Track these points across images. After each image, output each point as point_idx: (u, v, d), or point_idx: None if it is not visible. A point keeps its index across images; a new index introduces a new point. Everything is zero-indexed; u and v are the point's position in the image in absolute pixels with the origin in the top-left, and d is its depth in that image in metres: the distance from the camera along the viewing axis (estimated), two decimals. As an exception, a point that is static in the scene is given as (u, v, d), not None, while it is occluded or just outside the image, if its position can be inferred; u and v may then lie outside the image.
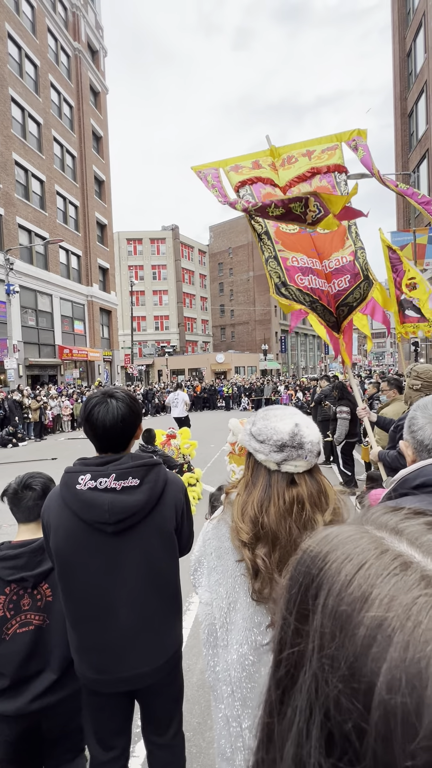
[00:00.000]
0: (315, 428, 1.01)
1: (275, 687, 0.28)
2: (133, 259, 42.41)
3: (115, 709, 1.36)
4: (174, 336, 42.83)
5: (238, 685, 0.97)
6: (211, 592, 1.04)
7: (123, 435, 1.30)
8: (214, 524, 1.09)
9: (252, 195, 3.05)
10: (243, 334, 46.63)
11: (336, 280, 2.89)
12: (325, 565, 0.27)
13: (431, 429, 1.08)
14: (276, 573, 0.92)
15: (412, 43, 19.11)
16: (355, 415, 6.41)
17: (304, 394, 19.81)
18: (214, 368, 36.50)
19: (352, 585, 0.25)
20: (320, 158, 3.15)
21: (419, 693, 0.19)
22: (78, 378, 22.34)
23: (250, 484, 1.01)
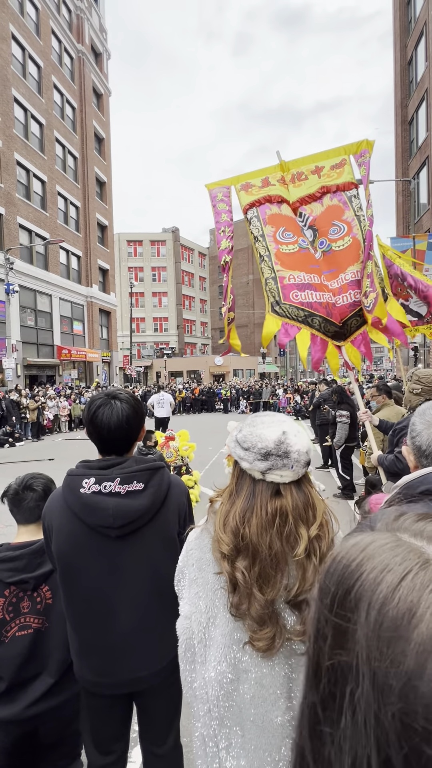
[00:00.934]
0: (304, 437, 0.97)
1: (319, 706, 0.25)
2: (133, 261, 42.45)
3: (114, 712, 1.35)
4: (173, 338, 42.85)
5: (215, 704, 0.92)
6: (191, 605, 1.00)
7: (127, 437, 1.30)
8: (197, 534, 1.04)
9: (258, 217, 3.20)
10: (242, 337, 46.27)
11: (352, 291, 2.99)
12: (361, 575, 0.25)
13: (428, 435, 1.08)
14: (255, 588, 0.89)
15: (414, 51, 19.30)
16: (354, 419, 6.42)
17: (302, 398, 19.83)
18: (213, 371, 36.51)
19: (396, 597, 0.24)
20: (329, 176, 3.26)
21: None
22: (76, 379, 22.30)
23: (234, 494, 0.97)
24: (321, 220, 3.20)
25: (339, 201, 3.19)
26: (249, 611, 0.89)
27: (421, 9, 17.84)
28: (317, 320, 2.96)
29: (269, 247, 3.11)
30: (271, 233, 3.16)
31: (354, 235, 3.08)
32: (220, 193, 3.39)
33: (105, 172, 26.84)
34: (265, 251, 3.11)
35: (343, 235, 3.11)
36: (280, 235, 3.15)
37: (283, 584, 0.90)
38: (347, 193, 3.21)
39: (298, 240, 3.14)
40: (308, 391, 19.92)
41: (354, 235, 3.08)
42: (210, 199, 3.43)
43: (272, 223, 3.18)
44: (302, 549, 0.89)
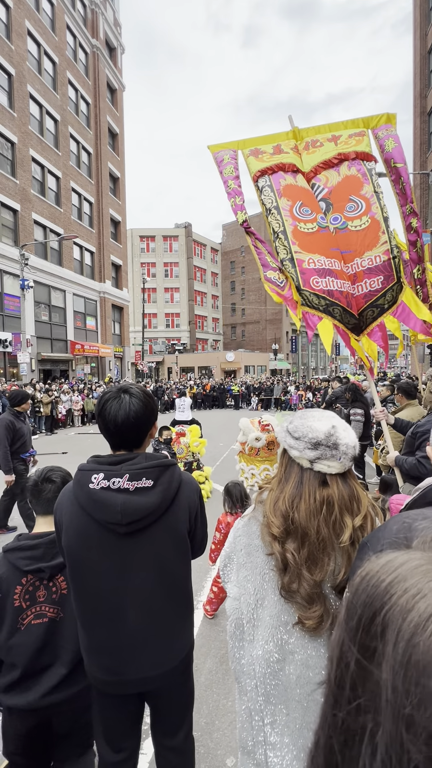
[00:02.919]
0: (352, 433, 1.02)
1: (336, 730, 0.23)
2: (145, 257, 42.53)
3: (125, 711, 1.35)
4: (184, 333, 42.88)
5: (261, 681, 0.98)
6: (240, 587, 1.06)
7: (136, 432, 1.28)
8: (245, 521, 1.10)
9: (271, 187, 2.89)
10: (253, 333, 46.45)
11: (368, 280, 2.74)
12: (391, 599, 0.23)
13: None
14: (304, 568, 0.94)
15: (434, 39, 18.71)
16: (368, 417, 6.32)
17: (314, 395, 19.65)
18: (224, 367, 36.44)
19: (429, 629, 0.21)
20: (347, 143, 2.96)
21: None
22: (89, 373, 22.52)
23: (282, 481, 1.03)
24: (337, 192, 2.88)
25: (358, 171, 2.87)
26: (299, 590, 0.94)
27: (443, -5, 17.26)
28: (338, 310, 2.71)
29: (285, 223, 2.79)
30: (287, 207, 2.83)
31: (373, 215, 2.78)
32: (227, 156, 3.04)
33: (118, 168, 26.88)
34: (280, 226, 2.79)
35: (361, 213, 2.81)
36: (298, 211, 2.82)
37: (330, 569, 0.95)
38: (367, 165, 2.88)
39: (317, 217, 2.82)
40: (320, 389, 19.73)
41: (373, 214, 2.78)
42: (216, 164, 3.08)
43: (288, 196, 2.85)
44: (347, 537, 0.94)
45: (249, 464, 6.85)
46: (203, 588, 3.51)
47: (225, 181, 3.04)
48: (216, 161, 3.11)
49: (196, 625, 3.01)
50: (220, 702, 2.29)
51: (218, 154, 3.11)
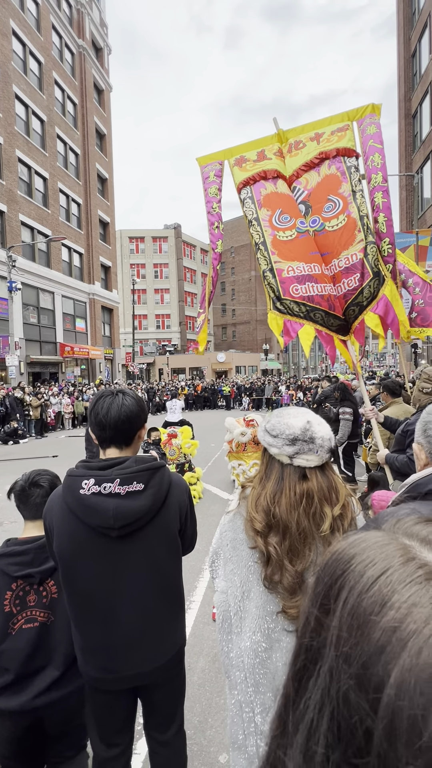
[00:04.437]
0: (327, 426, 1.07)
1: (293, 678, 0.29)
2: (135, 258, 42.38)
3: (119, 706, 1.37)
4: (175, 335, 42.83)
5: (250, 671, 1.01)
6: (227, 581, 1.09)
7: (127, 426, 1.30)
8: (230, 517, 1.14)
9: (252, 198, 2.96)
10: (244, 334, 46.60)
11: (345, 280, 2.79)
12: (349, 567, 0.27)
13: None
14: (286, 560, 0.97)
15: (417, 43, 19.05)
16: (357, 416, 6.40)
17: (305, 395, 19.80)
18: (215, 367, 36.48)
19: (374, 588, 0.25)
20: (329, 140, 2.99)
21: (428, 698, 0.20)
22: (79, 376, 22.35)
23: (264, 478, 1.06)
24: (316, 194, 2.93)
25: (337, 170, 2.92)
26: (281, 581, 0.97)
27: (426, 0, 17.59)
28: (319, 315, 2.77)
29: (264, 234, 2.87)
30: (267, 217, 2.90)
31: (349, 213, 2.82)
32: (212, 173, 3.09)
33: (106, 169, 26.74)
34: (260, 238, 2.87)
35: (338, 212, 2.84)
36: (277, 220, 2.89)
37: (311, 558, 0.99)
38: (347, 161, 2.92)
39: (296, 223, 2.88)
40: (311, 388, 19.88)
41: (349, 213, 2.82)
42: (201, 180, 3.12)
43: (267, 206, 2.93)
44: (327, 526, 0.98)
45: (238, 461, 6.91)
46: (195, 588, 3.52)
47: (209, 201, 3.09)
48: (202, 177, 3.15)
49: (189, 625, 3.03)
50: (213, 700, 2.31)
51: (205, 169, 3.14)
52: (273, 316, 2.85)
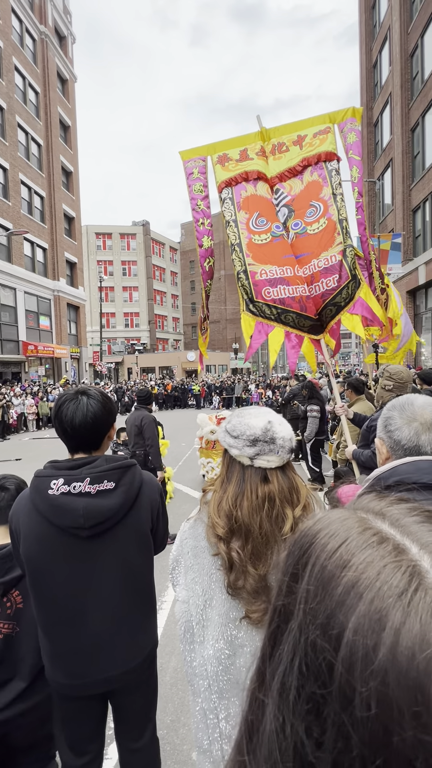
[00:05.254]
0: (287, 426, 1.05)
1: (268, 638, 0.33)
2: (102, 254, 41.39)
3: (89, 713, 1.34)
4: (144, 333, 42.26)
5: (214, 679, 0.99)
6: (188, 590, 1.06)
7: (94, 433, 1.27)
8: (190, 524, 1.10)
9: (232, 199, 2.99)
10: (214, 333, 46.74)
11: (324, 280, 2.86)
12: (315, 540, 0.31)
13: (408, 430, 1.11)
14: (249, 564, 0.95)
15: (378, 54, 19.84)
16: (324, 413, 6.60)
17: (273, 393, 20.14)
18: (185, 366, 36.35)
19: (335, 554, 0.29)
20: (311, 144, 3.06)
21: (378, 634, 0.24)
22: (44, 375, 21.55)
23: (225, 481, 1.04)
24: (299, 200, 3.01)
25: (319, 176, 3.01)
26: (245, 586, 0.96)
27: (385, 14, 18.34)
28: (291, 316, 2.84)
29: (241, 236, 2.92)
30: (245, 220, 2.95)
31: (329, 216, 2.92)
32: (196, 170, 3.09)
33: (71, 162, 25.90)
34: (236, 239, 2.92)
35: (319, 216, 2.94)
36: (254, 223, 2.95)
37: (274, 561, 0.97)
38: (328, 166, 3.01)
39: (272, 227, 2.94)
40: (280, 386, 20.26)
41: (329, 216, 2.93)
42: (185, 176, 3.10)
43: (246, 208, 2.98)
44: (288, 527, 0.96)
45: (207, 458, 6.92)
46: (167, 587, 3.50)
47: (193, 198, 3.08)
48: (185, 173, 3.12)
49: (161, 625, 3.01)
50: (185, 699, 2.31)
51: (188, 165, 3.12)
52: (246, 317, 2.90)
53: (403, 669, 0.23)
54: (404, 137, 16.45)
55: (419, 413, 1.10)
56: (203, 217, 3.07)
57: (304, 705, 0.27)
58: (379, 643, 0.24)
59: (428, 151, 15.13)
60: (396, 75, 16.77)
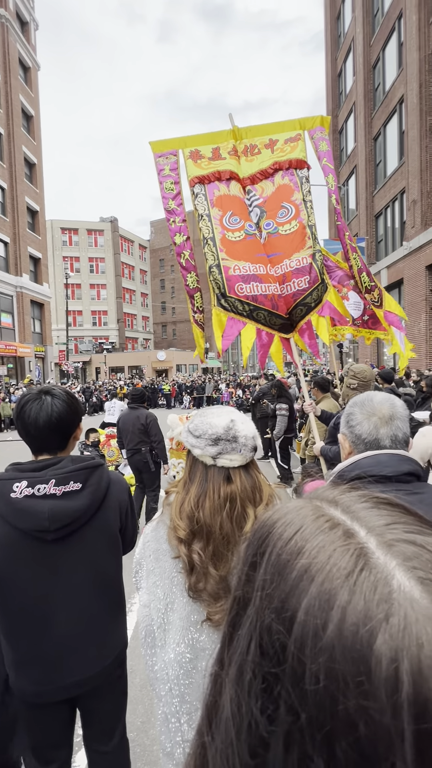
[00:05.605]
0: (250, 424, 1.04)
1: (228, 625, 0.34)
2: (68, 250, 40.16)
3: (55, 720, 1.30)
4: (113, 332, 41.45)
5: (176, 683, 0.98)
6: (149, 593, 1.04)
7: (58, 434, 1.25)
8: (153, 526, 1.08)
9: (205, 196, 3.00)
10: (184, 332, 46.57)
11: (296, 280, 2.93)
12: (273, 529, 0.33)
13: (368, 425, 1.16)
14: (210, 566, 0.94)
15: (343, 64, 20.51)
16: (292, 411, 6.75)
17: (244, 392, 20.36)
18: (155, 366, 36.00)
19: (291, 542, 0.31)
20: (283, 150, 3.12)
21: (327, 613, 0.26)
22: (6, 375, 20.63)
23: (188, 482, 1.02)
24: (271, 202, 3.06)
25: (290, 180, 3.08)
26: (205, 588, 0.94)
27: (350, 25, 18.99)
28: (262, 314, 2.88)
29: (215, 231, 2.93)
30: (218, 216, 2.97)
31: (300, 220, 3.00)
32: (167, 167, 3.05)
33: (35, 153, 24.93)
34: (209, 233, 2.92)
35: (291, 218, 3.01)
36: (227, 221, 2.97)
37: (234, 561, 0.96)
38: (299, 173, 3.09)
39: (245, 225, 2.98)
40: (250, 386, 20.50)
41: (300, 219, 3.00)
42: (156, 171, 3.07)
43: (219, 206, 2.99)
44: (249, 527, 0.96)
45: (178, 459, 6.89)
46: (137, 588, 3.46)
47: (165, 197, 3.05)
48: (156, 168, 3.09)
49: (130, 627, 2.97)
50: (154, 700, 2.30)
51: (159, 159, 3.08)
52: (217, 312, 2.89)
53: (348, 643, 0.24)
54: (367, 145, 17.11)
55: (378, 408, 1.16)
56: (174, 216, 3.06)
57: (259, 684, 0.28)
58: (327, 622, 0.26)
59: (389, 159, 15.82)
60: (359, 85, 17.41)
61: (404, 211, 14.33)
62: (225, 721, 0.30)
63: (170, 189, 3.05)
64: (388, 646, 0.24)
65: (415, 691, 0.22)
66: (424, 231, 12.63)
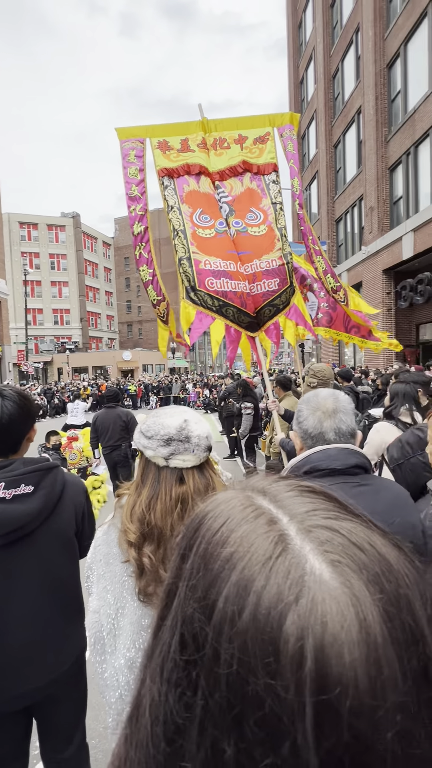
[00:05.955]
0: (204, 425, 1.04)
1: (157, 617, 0.35)
2: (27, 245, 38.49)
3: (11, 730, 1.26)
4: (76, 331, 40.21)
5: (126, 689, 0.96)
6: (99, 599, 1.01)
7: (10, 436, 1.22)
8: (104, 530, 1.06)
9: (174, 190, 2.94)
10: (150, 332, 46.03)
11: (266, 281, 2.96)
12: (203, 521, 0.34)
13: (313, 419, 1.22)
14: (161, 569, 0.93)
15: (305, 72, 21.09)
16: (258, 410, 6.87)
17: (211, 392, 20.43)
18: (121, 366, 35.33)
19: (218, 533, 0.31)
20: (251, 151, 3.12)
21: (243, 599, 0.27)
22: (-41, 376, 19.45)
23: (140, 485, 1.00)
24: (240, 201, 3.07)
25: (258, 187, 3.10)
26: (156, 592, 0.93)
27: (311, 35, 19.56)
28: (231, 310, 2.89)
29: (185, 224, 2.90)
30: (188, 213, 2.94)
31: (269, 224, 3.02)
32: (132, 152, 2.97)
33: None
34: (180, 225, 2.88)
35: (260, 223, 3.04)
36: (198, 218, 2.95)
37: None
38: (266, 178, 3.11)
39: (215, 224, 2.98)
40: (217, 385, 20.60)
41: (269, 223, 3.03)
42: (121, 156, 2.99)
43: (189, 203, 2.96)
44: None
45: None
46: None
47: (128, 182, 2.97)
48: (122, 154, 2.99)
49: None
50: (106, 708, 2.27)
51: (125, 145, 2.98)
52: (185, 305, 2.85)
53: (261, 626, 0.25)
54: (328, 152, 17.71)
55: (322, 403, 1.21)
56: (136, 203, 2.98)
57: (178, 673, 0.29)
58: (243, 607, 0.26)
59: (348, 167, 16.47)
60: (320, 93, 17.98)
61: (363, 217, 14.97)
62: (147, 709, 0.31)
63: (134, 175, 2.98)
64: (295, 626, 0.25)
65: (316, 667, 0.23)
66: (381, 237, 13.26)
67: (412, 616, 0.26)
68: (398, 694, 0.23)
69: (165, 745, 0.28)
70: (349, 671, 0.23)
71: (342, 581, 0.26)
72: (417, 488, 1.55)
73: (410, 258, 11.80)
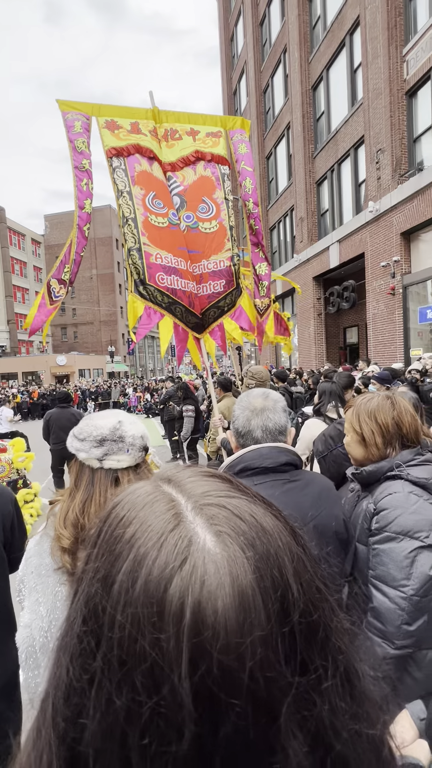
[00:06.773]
0: (140, 425, 1.04)
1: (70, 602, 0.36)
2: None
3: None
4: (3, 334, 37.16)
5: None
6: (31, 612, 0.97)
7: None
8: (36, 540, 1.02)
9: (125, 171, 2.79)
10: (87, 335, 44.12)
11: (212, 282, 2.94)
12: (113, 510, 0.36)
13: (243, 418, 1.29)
14: None
15: (237, 84, 21.79)
16: (198, 412, 6.93)
17: (152, 396, 20.15)
18: (55, 371, 33.37)
19: (122, 519, 0.34)
20: (204, 142, 3.06)
21: (138, 572, 0.30)
22: None
23: (74, 489, 0.98)
24: (192, 191, 3.00)
25: (212, 174, 3.04)
26: None
27: (242, 49, 20.28)
28: (179, 309, 2.85)
29: (136, 211, 2.77)
30: (140, 195, 2.80)
31: (221, 221, 2.99)
32: (78, 123, 2.76)
33: None
34: (131, 213, 2.76)
35: (211, 217, 3.00)
36: (150, 202, 2.83)
37: None
38: (221, 168, 3.06)
39: (169, 213, 2.88)
40: (158, 389, 20.37)
41: (221, 220, 3.00)
42: (65, 128, 2.77)
43: (141, 184, 2.82)
44: None
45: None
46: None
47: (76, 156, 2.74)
48: (66, 125, 2.77)
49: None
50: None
51: (68, 116, 2.77)
52: (133, 299, 2.75)
53: (150, 592, 0.29)
54: (261, 163, 18.48)
55: (252, 402, 1.29)
56: (87, 177, 2.78)
57: (83, 645, 0.31)
58: (137, 578, 0.29)
59: (280, 178, 17.34)
60: (252, 106, 18.72)
61: (294, 227, 15.85)
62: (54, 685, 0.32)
63: (83, 149, 2.78)
64: (178, 588, 0.28)
65: (193, 618, 0.27)
66: (311, 246, 14.16)
67: (279, 569, 0.30)
68: (261, 630, 0.28)
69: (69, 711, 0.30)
70: (221, 618, 0.27)
71: (222, 547, 0.30)
72: (339, 476, 1.70)
73: (337, 266, 12.76)
